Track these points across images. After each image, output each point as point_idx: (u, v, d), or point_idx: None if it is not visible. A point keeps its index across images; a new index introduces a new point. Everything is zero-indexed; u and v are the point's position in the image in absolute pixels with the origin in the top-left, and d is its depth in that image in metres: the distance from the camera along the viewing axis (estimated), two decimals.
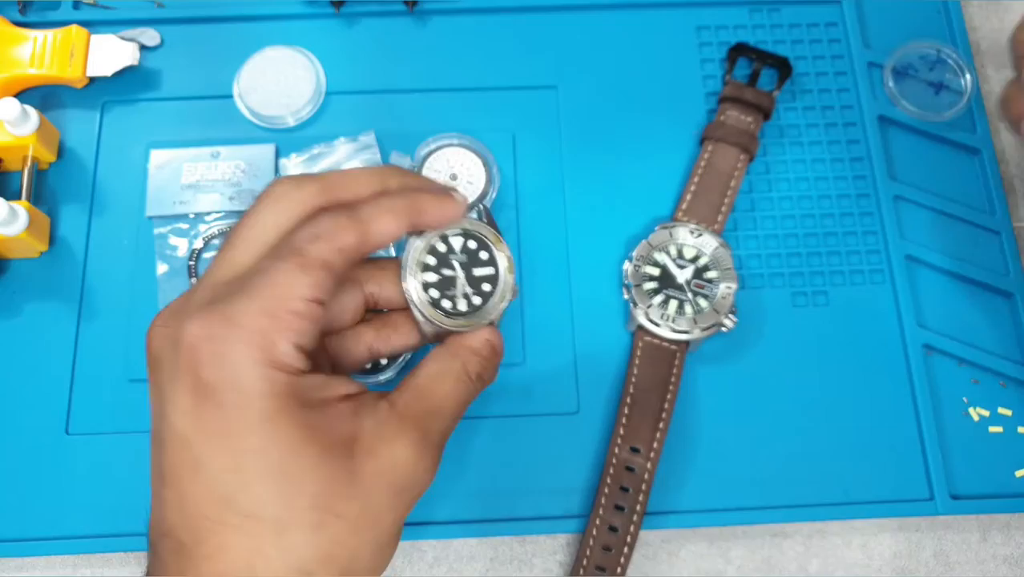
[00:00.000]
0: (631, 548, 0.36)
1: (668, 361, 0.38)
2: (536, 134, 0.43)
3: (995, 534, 0.38)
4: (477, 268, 0.31)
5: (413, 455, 0.26)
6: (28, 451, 0.37)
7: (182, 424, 0.25)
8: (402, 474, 0.26)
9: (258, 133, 0.42)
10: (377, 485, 0.26)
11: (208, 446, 0.24)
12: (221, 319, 0.25)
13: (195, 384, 0.24)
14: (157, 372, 0.26)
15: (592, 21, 0.45)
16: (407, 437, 0.27)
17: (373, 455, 0.26)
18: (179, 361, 0.25)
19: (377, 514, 0.26)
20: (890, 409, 0.39)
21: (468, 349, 0.30)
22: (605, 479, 0.36)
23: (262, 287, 0.25)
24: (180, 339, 0.25)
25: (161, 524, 0.25)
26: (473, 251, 0.31)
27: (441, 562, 0.37)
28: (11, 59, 0.41)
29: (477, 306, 0.31)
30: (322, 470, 0.25)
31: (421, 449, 0.27)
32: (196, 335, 0.25)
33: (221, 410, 0.24)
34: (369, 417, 0.27)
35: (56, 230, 0.40)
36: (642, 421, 0.37)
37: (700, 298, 0.38)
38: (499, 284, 0.31)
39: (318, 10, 0.44)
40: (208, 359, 0.24)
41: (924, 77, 0.44)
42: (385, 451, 0.26)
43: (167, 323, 0.26)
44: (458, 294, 0.30)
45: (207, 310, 0.25)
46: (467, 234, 0.31)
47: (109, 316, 0.39)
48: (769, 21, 0.45)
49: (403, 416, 0.27)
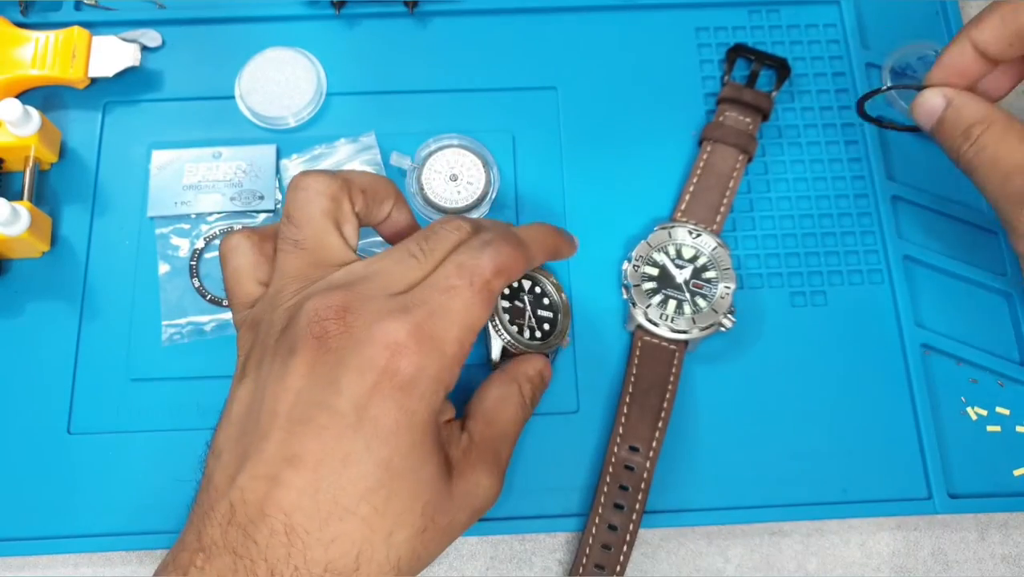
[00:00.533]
0: (630, 546, 0.36)
1: (667, 360, 0.38)
2: (536, 135, 0.43)
3: (993, 533, 0.38)
4: (540, 309, 0.37)
5: (488, 480, 0.30)
6: (30, 450, 0.37)
7: (357, 412, 0.26)
8: (481, 496, 0.30)
9: (259, 134, 0.42)
10: (463, 503, 0.30)
11: (375, 438, 0.27)
12: (427, 335, 0.28)
13: (387, 380, 0.27)
14: (324, 355, 0.27)
15: (591, 22, 0.45)
16: (485, 464, 0.31)
17: (463, 478, 0.30)
18: (370, 354, 0.27)
19: (457, 527, 0.30)
20: (888, 408, 0.39)
21: (524, 375, 0.34)
22: (604, 478, 0.36)
23: (459, 312, 0.28)
24: (376, 336, 0.27)
25: (266, 506, 0.26)
26: (538, 294, 0.37)
27: (441, 561, 0.37)
28: (13, 60, 0.41)
29: (539, 339, 0.36)
30: (435, 485, 0.28)
31: (495, 475, 0.31)
32: (403, 339, 0.27)
33: (399, 410, 0.27)
34: (456, 448, 0.30)
35: (58, 230, 0.41)
36: (641, 420, 0.37)
37: (699, 298, 0.38)
38: (558, 324, 0.37)
39: (319, 11, 0.44)
40: (408, 365, 0.27)
41: (922, 77, 0.44)
42: (471, 476, 0.30)
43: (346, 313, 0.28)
44: (525, 324, 0.36)
45: (408, 317, 0.27)
46: (532, 279, 0.37)
47: (111, 316, 0.39)
48: (768, 22, 0.45)
49: (480, 448, 0.31)
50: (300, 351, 0.27)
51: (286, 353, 0.28)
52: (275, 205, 0.41)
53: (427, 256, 0.30)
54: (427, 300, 0.28)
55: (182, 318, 0.39)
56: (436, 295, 0.28)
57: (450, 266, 0.29)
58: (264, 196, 0.41)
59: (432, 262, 0.30)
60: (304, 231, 0.31)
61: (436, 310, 0.28)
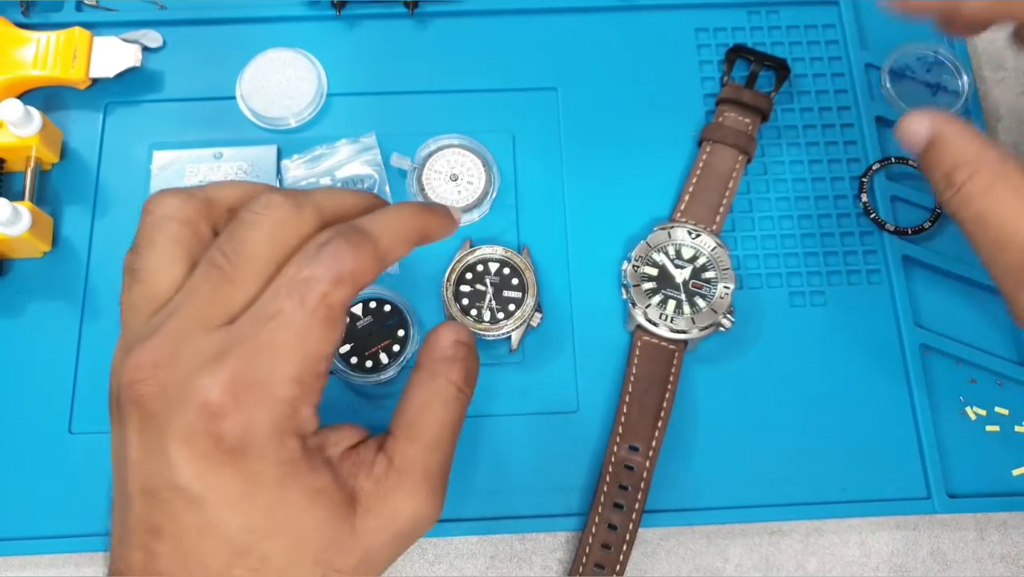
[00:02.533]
0: (630, 546, 0.36)
1: (667, 360, 0.38)
2: (536, 135, 0.43)
3: (992, 532, 0.38)
4: (506, 290, 0.38)
5: (411, 505, 0.27)
6: (31, 450, 0.37)
7: (194, 486, 0.23)
8: (403, 524, 0.27)
9: (260, 134, 0.43)
10: (377, 538, 0.26)
11: (223, 508, 0.24)
12: (247, 384, 0.23)
13: (213, 448, 0.23)
14: (147, 423, 0.24)
15: (591, 23, 0.45)
16: (405, 488, 0.27)
17: (373, 512, 0.26)
18: (189, 419, 0.23)
19: (376, 561, 0.26)
20: (888, 408, 0.39)
21: (443, 360, 0.29)
22: (604, 477, 0.37)
23: (288, 345, 0.24)
24: (189, 396, 0.23)
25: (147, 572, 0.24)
26: (506, 276, 0.38)
27: (441, 560, 0.37)
28: (14, 60, 0.41)
29: (500, 320, 0.37)
30: (325, 530, 0.25)
31: (421, 496, 0.27)
32: (218, 398, 0.23)
33: (240, 475, 0.24)
34: (367, 478, 0.26)
35: (59, 230, 0.41)
36: (641, 420, 0.37)
37: (698, 298, 0.38)
38: (523, 304, 0.38)
39: (320, 12, 0.44)
40: (231, 427, 0.23)
41: (921, 78, 0.44)
42: (385, 508, 0.26)
43: (157, 370, 0.24)
44: (484, 307, 0.37)
45: (224, 366, 0.23)
46: (501, 262, 0.38)
47: (112, 316, 0.39)
48: (767, 23, 0.45)
49: (401, 470, 0.27)
50: (126, 420, 0.24)
51: (117, 421, 0.25)
52: None
53: (233, 262, 0.25)
54: (248, 336, 0.24)
55: None
56: (260, 327, 0.24)
57: (279, 283, 0.24)
58: None
59: (244, 271, 0.25)
60: (144, 261, 0.26)
61: (260, 348, 0.23)
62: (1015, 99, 0.45)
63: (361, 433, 0.28)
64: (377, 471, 0.27)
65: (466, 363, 0.29)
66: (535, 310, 0.38)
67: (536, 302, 0.38)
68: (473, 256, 0.39)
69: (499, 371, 0.39)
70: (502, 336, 0.38)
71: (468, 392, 0.29)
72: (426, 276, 0.40)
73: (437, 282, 0.39)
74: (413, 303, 0.39)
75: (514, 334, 0.38)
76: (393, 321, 0.38)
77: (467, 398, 0.29)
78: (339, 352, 0.38)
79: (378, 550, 0.26)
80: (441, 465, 0.28)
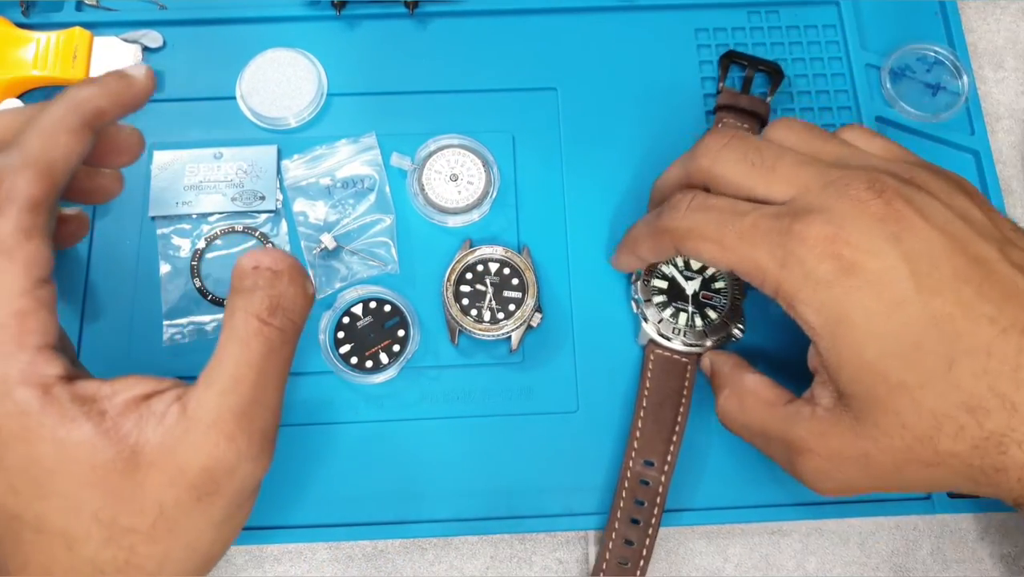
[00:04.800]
0: (647, 561, 0.36)
1: (680, 373, 0.38)
2: (536, 135, 0.43)
3: (992, 533, 0.38)
4: (507, 290, 0.38)
5: (203, 454, 0.25)
6: None
7: None
8: (196, 475, 0.25)
9: (260, 134, 0.43)
10: (169, 493, 0.24)
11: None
12: None
13: None
14: None
15: (591, 23, 0.45)
16: (192, 438, 0.25)
17: (158, 466, 0.24)
18: None
19: (178, 520, 0.25)
20: None
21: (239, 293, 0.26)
22: (620, 493, 0.36)
23: None
24: None
25: None
26: (506, 276, 0.38)
27: (441, 560, 0.37)
28: (14, 60, 0.41)
29: (500, 320, 0.37)
30: (98, 486, 0.24)
31: (213, 442, 0.25)
32: None
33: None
34: (155, 428, 0.25)
35: None
36: (656, 434, 0.37)
37: (709, 309, 0.38)
38: (523, 303, 0.38)
39: (320, 12, 0.44)
40: None
41: (921, 79, 0.44)
42: (171, 461, 0.24)
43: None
44: (484, 307, 0.38)
45: None
46: (502, 262, 0.39)
47: (112, 316, 0.39)
48: (767, 23, 0.45)
49: (192, 417, 0.25)
50: None
51: None
52: (276, 205, 0.41)
53: None
54: None
55: (183, 318, 0.39)
56: None
57: None
58: (265, 196, 0.41)
59: None
60: None
61: None
62: (1015, 99, 0.45)
63: (157, 384, 0.26)
64: (168, 422, 0.25)
65: (269, 291, 0.27)
66: (535, 310, 0.38)
67: (536, 302, 0.38)
68: (473, 256, 0.39)
69: (499, 371, 0.39)
70: (502, 336, 0.38)
71: (277, 323, 0.26)
72: (426, 276, 0.40)
73: (437, 282, 0.39)
74: (413, 303, 0.39)
75: (514, 334, 0.38)
76: (393, 321, 0.38)
77: (277, 330, 0.26)
78: (339, 352, 0.38)
79: (176, 507, 0.25)
80: (240, 407, 0.25)
